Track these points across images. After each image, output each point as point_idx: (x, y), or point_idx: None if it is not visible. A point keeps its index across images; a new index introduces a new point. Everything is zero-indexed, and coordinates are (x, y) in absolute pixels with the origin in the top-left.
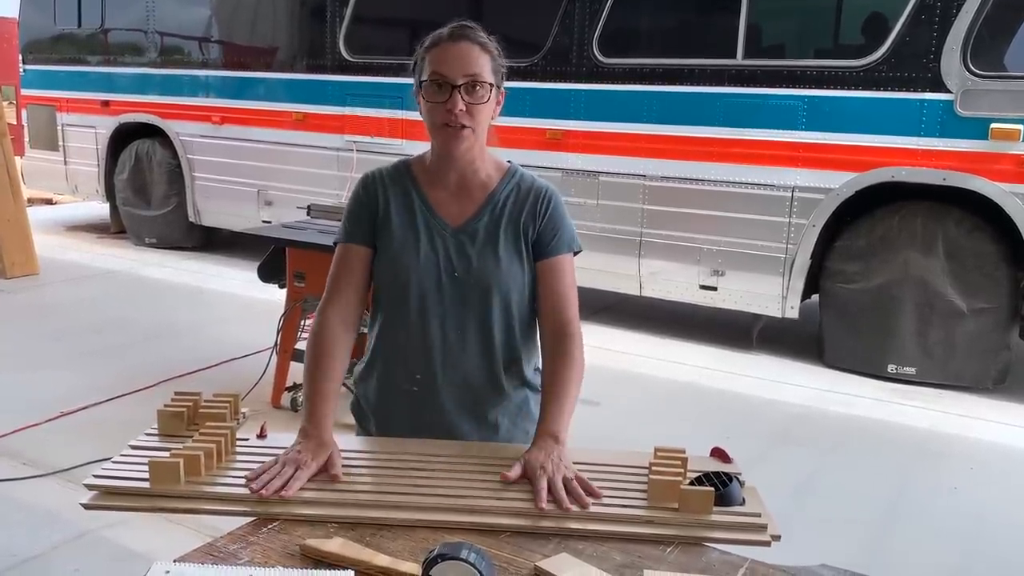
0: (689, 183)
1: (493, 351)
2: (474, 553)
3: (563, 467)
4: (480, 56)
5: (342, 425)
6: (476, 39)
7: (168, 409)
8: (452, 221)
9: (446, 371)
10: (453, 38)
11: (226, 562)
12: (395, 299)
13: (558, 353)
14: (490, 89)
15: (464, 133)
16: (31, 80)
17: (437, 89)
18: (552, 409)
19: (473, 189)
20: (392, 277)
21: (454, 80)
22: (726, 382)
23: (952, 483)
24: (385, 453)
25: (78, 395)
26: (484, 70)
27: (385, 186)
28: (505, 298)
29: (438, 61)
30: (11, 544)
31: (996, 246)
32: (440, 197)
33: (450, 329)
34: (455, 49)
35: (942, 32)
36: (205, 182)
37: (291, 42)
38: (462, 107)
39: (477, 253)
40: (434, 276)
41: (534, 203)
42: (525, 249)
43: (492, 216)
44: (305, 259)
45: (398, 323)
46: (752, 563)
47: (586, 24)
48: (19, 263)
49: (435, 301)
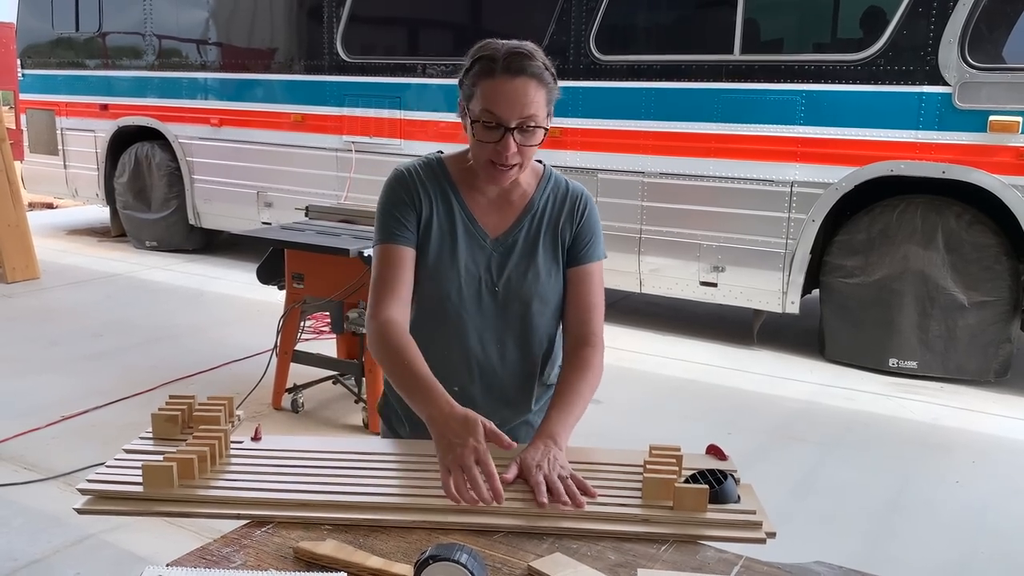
0: (688, 179)
1: (531, 363)
2: (466, 554)
3: (559, 466)
4: (536, 93)
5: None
6: (533, 72)
7: (162, 413)
8: (492, 231)
9: (484, 383)
10: (510, 72)
11: (219, 565)
12: (432, 310)
13: (578, 361)
14: (544, 131)
15: (512, 172)
16: (30, 84)
17: (487, 129)
18: (558, 412)
19: (513, 197)
20: (430, 287)
21: (508, 122)
22: (727, 378)
23: (954, 477)
24: (378, 454)
25: (79, 399)
26: (540, 109)
27: (425, 185)
28: (543, 311)
29: (491, 98)
30: (12, 548)
31: (996, 239)
32: (479, 204)
33: (488, 342)
34: (511, 87)
35: (940, 25)
36: (204, 184)
37: (288, 43)
38: (514, 150)
39: (516, 267)
40: (474, 289)
41: (571, 208)
42: (562, 256)
43: (531, 226)
44: (303, 260)
45: (436, 334)
46: (747, 561)
47: (583, 21)
48: (20, 268)
49: (474, 315)
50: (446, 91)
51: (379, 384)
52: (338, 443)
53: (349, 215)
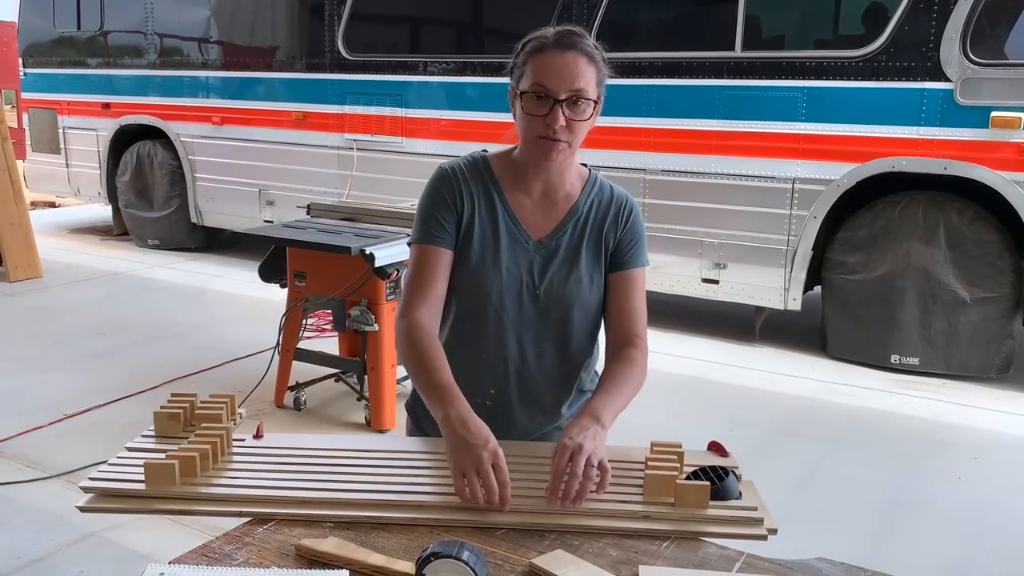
0: (689, 176)
1: (570, 368)
2: (468, 551)
3: (595, 446)
4: (587, 68)
5: (345, 423)
6: (584, 48)
7: (164, 411)
8: (535, 234)
9: (521, 387)
10: (560, 46)
11: (221, 563)
12: (471, 311)
13: (624, 357)
14: (593, 105)
15: (560, 147)
16: (31, 83)
17: (537, 101)
18: (604, 395)
19: (558, 199)
20: (471, 287)
21: (557, 94)
22: (729, 375)
23: (956, 473)
24: (380, 451)
25: (82, 397)
26: (589, 84)
27: (468, 185)
28: (583, 316)
29: (541, 71)
30: (16, 546)
31: (998, 235)
32: (523, 205)
33: (527, 345)
34: (561, 60)
35: (941, 21)
36: (206, 183)
37: (290, 41)
38: (563, 123)
39: (558, 271)
40: (515, 292)
41: (616, 214)
42: (604, 262)
43: (575, 230)
44: (305, 258)
45: (474, 336)
46: (748, 557)
47: (584, 18)
48: (22, 267)
49: (514, 318)
50: (448, 88)
51: (381, 382)
52: (340, 441)
53: (351, 213)
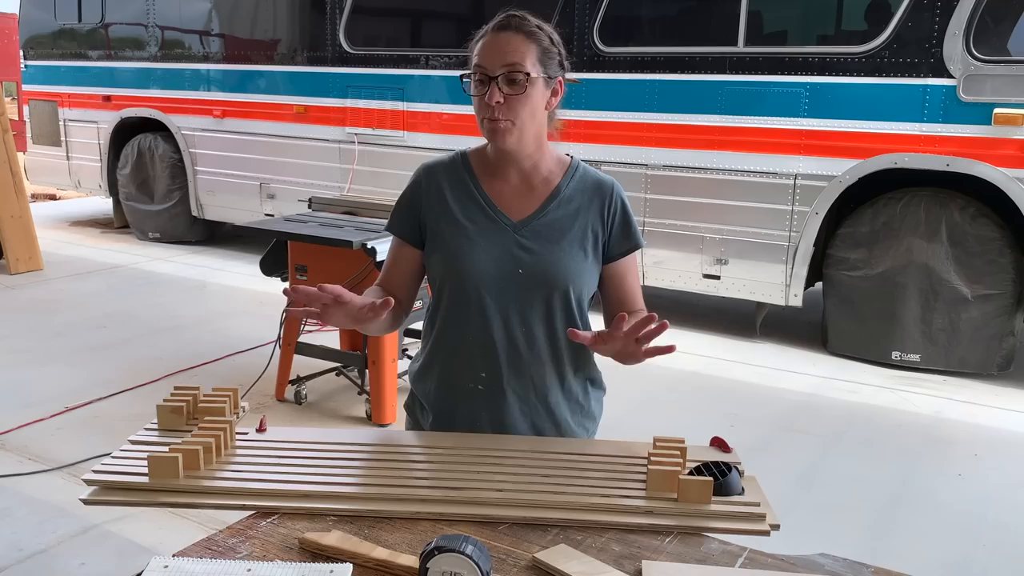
0: (691, 171)
1: (559, 348)
2: (471, 545)
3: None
4: (523, 45)
5: (346, 417)
6: (521, 28)
7: (167, 404)
8: (514, 216)
9: (512, 369)
10: (497, 28)
11: (225, 556)
12: (453, 295)
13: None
14: (530, 79)
15: (502, 126)
16: (32, 76)
17: (479, 84)
18: None
19: (536, 184)
20: (451, 274)
21: (492, 71)
22: (730, 371)
23: (957, 470)
24: (382, 445)
25: (83, 390)
26: (525, 59)
27: (441, 180)
28: (570, 294)
29: (481, 54)
30: (17, 538)
31: (1000, 232)
32: (501, 192)
33: (515, 327)
34: (496, 40)
35: (944, 17)
36: (207, 176)
37: (291, 34)
38: (499, 99)
39: (540, 250)
40: (495, 272)
41: (601, 201)
42: (593, 247)
43: (557, 212)
44: (306, 252)
45: (460, 321)
46: (751, 552)
47: (586, 13)
48: (23, 259)
49: (497, 298)
50: (449, 82)
51: (382, 376)
52: (342, 435)
53: (352, 207)
